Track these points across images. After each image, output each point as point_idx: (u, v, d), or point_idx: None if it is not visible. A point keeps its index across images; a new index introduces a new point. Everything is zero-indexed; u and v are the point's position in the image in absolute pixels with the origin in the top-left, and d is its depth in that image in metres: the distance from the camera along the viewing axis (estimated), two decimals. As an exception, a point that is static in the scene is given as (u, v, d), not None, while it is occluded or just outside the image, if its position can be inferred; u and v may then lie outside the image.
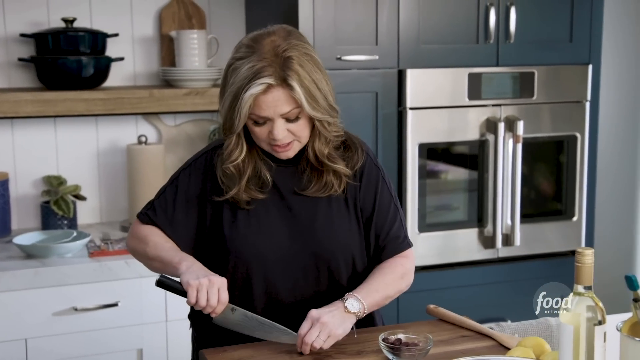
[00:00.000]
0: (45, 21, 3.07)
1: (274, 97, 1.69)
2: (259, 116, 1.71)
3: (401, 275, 1.86)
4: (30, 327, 2.62)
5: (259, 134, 1.76)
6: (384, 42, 2.90)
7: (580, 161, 3.22)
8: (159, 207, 1.88)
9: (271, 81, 1.67)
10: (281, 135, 1.73)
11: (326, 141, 1.80)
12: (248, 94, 1.67)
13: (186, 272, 1.70)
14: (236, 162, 1.79)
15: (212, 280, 1.66)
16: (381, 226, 1.88)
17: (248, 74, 1.68)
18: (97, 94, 2.90)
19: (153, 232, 1.87)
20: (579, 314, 1.39)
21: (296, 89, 1.68)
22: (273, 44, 1.71)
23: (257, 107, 1.70)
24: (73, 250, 2.75)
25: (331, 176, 1.82)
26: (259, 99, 1.69)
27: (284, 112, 1.71)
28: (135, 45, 3.21)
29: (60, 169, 3.16)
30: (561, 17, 3.13)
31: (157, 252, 1.83)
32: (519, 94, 3.08)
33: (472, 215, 3.12)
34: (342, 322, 1.71)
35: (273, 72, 1.67)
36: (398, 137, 2.96)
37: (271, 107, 1.70)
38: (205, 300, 1.66)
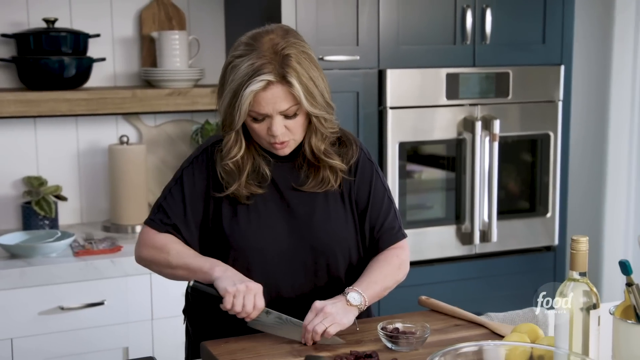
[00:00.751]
0: (25, 22, 3.07)
1: (273, 94, 1.72)
2: (258, 113, 1.75)
3: (398, 266, 1.91)
4: (16, 326, 2.61)
5: (257, 130, 1.79)
6: (365, 43, 2.96)
7: (553, 159, 3.31)
8: (169, 209, 1.88)
9: (271, 78, 1.71)
10: (279, 131, 1.76)
11: (322, 137, 1.84)
12: (248, 91, 1.71)
13: (222, 278, 1.73)
14: (235, 159, 1.81)
15: (250, 287, 1.70)
16: (376, 218, 1.93)
17: (248, 71, 1.71)
18: (80, 94, 2.91)
19: (170, 239, 1.86)
20: (574, 299, 1.46)
21: (295, 85, 1.72)
22: (272, 42, 1.74)
23: (256, 104, 1.73)
24: (57, 250, 2.75)
25: (327, 172, 1.87)
26: (259, 95, 1.72)
27: (282, 109, 1.74)
28: (116, 45, 3.22)
29: (40, 170, 3.15)
30: (534, 19, 3.22)
31: (183, 260, 1.82)
32: (494, 94, 3.16)
33: (450, 213, 3.19)
34: (345, 313, 1.75)
35: (272, 69, 1.71)
36: (379, 136, 3.02)
37: (270, 104, 1.73)
38: (241, 307, 1.69)
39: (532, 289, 3.33)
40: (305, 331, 1.72)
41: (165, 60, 3.10)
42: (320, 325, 1.71)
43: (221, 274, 1.75)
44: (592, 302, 1.45)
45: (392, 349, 1.69)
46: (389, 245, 1.93)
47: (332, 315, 1.72)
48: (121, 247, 2.80)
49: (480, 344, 1.46)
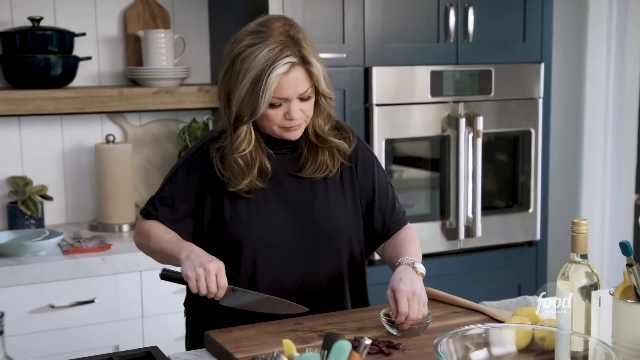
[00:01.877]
0: (8, 20, 3.06)
1: (294, 77, 1.75)
2: (279, 98, 1.77)
3: (419, 245, 1.98)
4: (6, 324, 2.58)
5: (273, 117, 1.80)
6: (351, 41, 2.99)
7: (534, 155, 3.37)
8: (158, 202, 1.91)
9: (294, 59, 1.74)
10: (298, 114, 1.79)
11: (327, 118, 1.88)
12: (274, 75, 1.72)
13: (185, 262, 1.74)
14: (244, 153, 1.82)
15: (208, 269, 1.70)
16: (385, 206, 1.98)
17: (270, 56, 1.73)
18: (67, 93, 2.91)
19: (155, 226, 1.90)
20: (577, 281, 1.50)
21: (315, 64, 1.77)
22: (282, 27, 1.78)
23: (279, 89, 1.75)
24: (46, 248, 2.74)
25: (326, 156, 1.89)
26: (282, 79, 1.74)
27: (302, 91, 1.78)
28: (100, 45, 3.21)
29: (25, 170, 3.14)
30: (515, 18, 3.28)
31: (159, 244, 1.86)
32: (477, 91, 3.21)
33: (435, 209, 3.23)
34: (422, 287, 1.79)
35: (292, 52, 1.74)
36: (365, 133, 3.05)
37: (292, 87, 1.76)
38: (205, 289, 1.71)
39: (515, 283, 3.41)
40: (408, 319, 1.71)
41: (151, 59, 3.10)
42: (419, 312, 1.72)
43: (184, 257, 1.77)
44: (594, 283, 1.49)
45: (395, 334, 1.72)
46: (400, 228, 2.00)
47: (422, 297, 1.74)
48: (111, 245, 2.80)
49: (487, 326, 1.50)
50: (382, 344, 1.64)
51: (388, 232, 1.98)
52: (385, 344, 1.64)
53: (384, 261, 2.00)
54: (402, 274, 1.79)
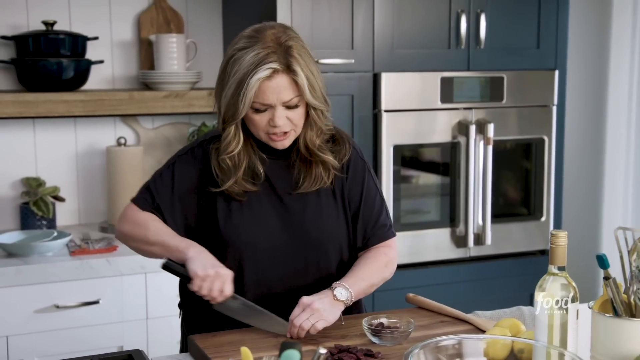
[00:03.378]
0: (24, 24, 3.11)
1: (277, 83, 1.76)
2: (262, 103, 1.78)
3: (385, 263, 1.94)
4: (12, 324, 2.64)
5: (258, 122, 1.81)
6: (360, 47, 2.99)
7: (547, 163, 3.33)
8: (155, 191, 1.91)
9: (276, 66, 1.74)
10: (281, 122, 1.79)
11: (318, 132, 1.88)
12: (255, 79, 1.74)
13: (194, 259, 1.75)
14: (233, 154, 1.84)
15: (219, 273, 1.72)
16: (368, 216, 1.96)
17: (254, 60, 1.75)
18: (78, 96, 2.95)
19: (152, 217, 1.89)
20: (553, 293, 1.48)
21: (300, 74, 1.76)
22: (274, 35, 1.79)
23: (261, 93, 1.76)
24: (54, 249, 2.78)
25: (320, 169, 1.89)
26: (264, 84, 1.75)
27: (286, 99, 1.78)
28: (114, 49, 3.26)
29: (39, 171, 3.19)
30: (529, 24, 3.25)
31: (161, 237, 1.85)
32: (488, 98, 3.19)
33: (445, 216, 3.21)
34: (332, 309, 1.78)
35: (277, 59, 1.75)
36: (373, 139, 3.04)
37: (274, 94, 1.77)
38: (207, 290, 1.72)
39: (526, 292, 3.37)
40: (292, 325, 1.74)
41: (163, 63, 3.13)
42: (307, 322, 1.73)
43: (194, 255, 1.78)
44: (571, 296, 1.47)
45: (376, 343, 1.72)
46: (379, 242, 1.96)
47: (319, 312, 1.75)
48: (117, 247, 2.83)
49: (460, 337, 1.48)
50: (361, 352, 1.64)
51: (368, 243, 1.96)
52: (364, 352, 1.63)
53: None
54: (321, 294, 1.81)
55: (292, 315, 1.75)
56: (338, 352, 1.64)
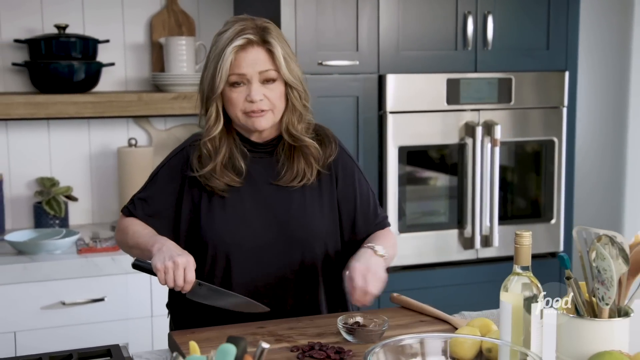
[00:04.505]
0: (39, 28, 3.19)
1: (253, 55, 1.82)
2: (238, 74, 1.82)
3: (394, 244, 2.00)
4: (19, 320, 2.71)
5: (235, 99, 1.84)
6: (364, 48, 3.00)
7: (558, 165, 3.31)
8: (138, 201, 1.98)
9: (252, 37, 1.81)
10: (258, 96, 1.83)
11: (299, 117, 1.91)
12: (230, 48, 1.80)
13: (156, 254, 1.78)
14: (213, 135, 1.87)
15: (177, 262, 1.74)
16: (367, 211, 2.01)
17: (231, 35, 1.83)
18: (87, 97, 3.01)
19: (133, 222, 1.96)
20: (516, 292, 1.48)
21: (275, 45, 1.82)
22: (253, 20, 1.87)
23: (236, 65, 1.81)
24: (62, 247, 2.85)
25: (302, 164, 1.92)
26: (240, 56, 1.81)
27: (261, 69, 1.82)
28: (127, 51, 3.32)
29: (53, 171, 3.27)
30: (538, 25, 3.23)
31: (135, 239, 1.91)
32: (496, 99, 3.18)
33: (452, 217, 3.21)
34: (380, 266, 1.80)
35: (254, 33, 1.83)
36: (379, 140, 3.06)
37: (250, 65, 1.82)
38: (172, 282, 1.75)
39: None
40: (360, 293, 1.74)
41: (172, 65, 3.19)
42: (375, 287, 1.74)
43: (156, 249, 1.80)
44: (533, 295, 1.48)
45: (350, 341, 1.73)
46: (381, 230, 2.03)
47: (377, 274, 1.76)
48: (123, 245, 2.88)
49: (422, 336, 1.49)
50: (332, 349, 1.65)
51: (370, 232, 2.01)
52: (334, 350, 1.65)
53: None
54: (359, 255, 1.82)
55: (358, 283, 1.73)
56: (309, 350, 1.66)
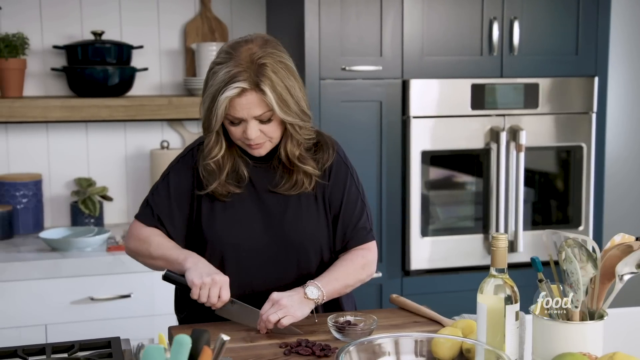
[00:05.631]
0: (78, 34, 3.33)
1: (247, 100, 1.83)
2: (234, 117, 1.87)
3: (362, 265, 1.99)
4: (50, 314, 2.84)
5: (234, 133, 1.91)
6: (388, 54, 3.04)
7: (586, 171, 3.29)
8: (154, 205, 2.02)
9: (245, 85, 1.82)
10: (254, 135, 1.88)
11: (297, 143, 1.94)
12: (223, 97, 1.82)
13: (191, 269, 1.86)
14: (216, 159, 1.93)
15: (215, 280, 1.82)
16: (348, 220, 2.02)
17: (225, 77, 1.83)
18: (120, 101, 3.13)
19: (154, 232, 2.01)
20: (491, 294, 1.51)
21: (268, 93, 1.82)
22: (249, 51, 1.85)
23: (232, 109, 1.85)
24: (93, 245, 2.97)
25: (301, 175, 1.97)
26: (234, 101, 1.84)
27: (256, 114, 1.85)
28: (162, 56, 3.43)
29: (91, 172, 3.40)
30: (567, 30, 3.22)
31: (162, 251, 1.97)
32: (522, 105, 3.17)
33: (478, 222, 3.22)
34: (300, 306, 1.85)
35: (247, 77, 1.82)
36: (402, 145, 3.09)
37: (245, 109, 1.85)
38: (206, 298, 1.83)
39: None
40: (260, 319, 1.83)
41: (204, 70, 3.28)
42: (274, 315, 1.81)
43: (192, 265, 1.87)
44: (509, 298, 1.50)
45: (340, 339, 1.78)
46: (357, 245, 2.02)
47: (286, 308, 1.82)
48: (150, 244, 2.98)
49: (397, 336, 1.53)
50: (318, 347, 1.70)
51: (347, 245, 2.02)
52: (320, 347, 1.70)
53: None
54: (292, 291, 1.88)
55: (262, 310, 1.84)
56: (297, 346, 1.71)
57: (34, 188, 3.24)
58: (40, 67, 3.32)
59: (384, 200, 3.10)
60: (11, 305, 2.80)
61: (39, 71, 3.32)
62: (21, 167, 3.34)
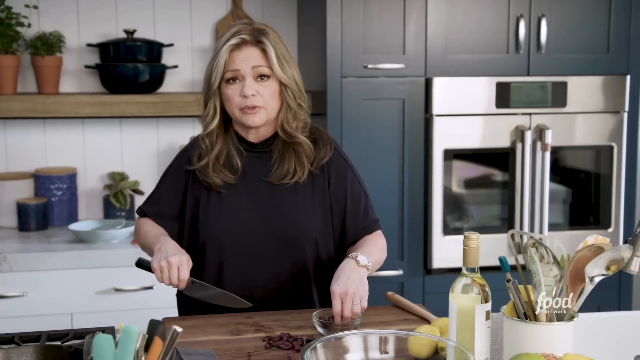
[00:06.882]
0: (114, 32, 3.42)
1: (247, 53, 1.93)
2: (232, 70, 1.93)
3: (382, 248, 2.04)
4: (75, 303, 2.93)
5: (231, 95, 1.95)
6: (411, 51, 3.04)
7: (617, 172, 3.22)
8: (151, 201, 2.11)
9: (246, 37, 1.93)
10: (250, 91, 1.92)
11: (294, 115, 1.99)
12: (225, 47, 1.93)
13: (155, 254, 1.91)
14: (210, 130, 1.99)
15: (170, 262, 1.85)
16: (357, 213, 2.05)
17: (227, 36, 1.95)
18: (149, 98, 3.21)
19: (145, 222, 2.09)
20: (462, 294, 1.51)
21: (268, 44, 1.92)
22: (252, 23, 1.99)
23: (231, 62, 1.93)
24: (119, 237, 3.05)
25: (293, 161, 2.00)
26: (234, 53, 1.93)
27: (254, 64, 1.92)
28: (194, 54, 3.50)
29: (124, 166, 3.49)
30: (598, 28, 3.16)
31: (145, 239, 2.05)
32: (549, 104, 3.13)
33: (502, 221, 3.18)
34: (361, 280, 1.84)
35: (249, 34, 1.94)
36: (425, 143, 3.08)
37: (243, 61, 1.93)
38: (167, 280, 1.87)
39: (594, 303, 3.26)
40: (343, 318, 1.80)
41: (232, 67, 3.33)
42: (356, 306, 1.80)
43: (157, 249, 1.92)
44: (479, 297, 1.50)
45: (324, 334, 1.80)
46: (370, 233, 2.06)
47: (356, 294, 1.81)
48: (174, 237, 3.05)
49: (366, 332, 1.54)
50: (299, 341, 1.73)
51: (359, 234, 2.05)
52: (301, 342, 1.73)
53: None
54: (341, 270, 1.86)
55: (336, 309, 1.80)
56: (278, 340, 1.74)
57: (68, 181, 3.35)
58: (77, 64, 3.42)
59: (406, 199, 3.10)
60: (41, 294, 2.91)
61: (75, 69, 3.42)
62: (58, 161, 3.45)
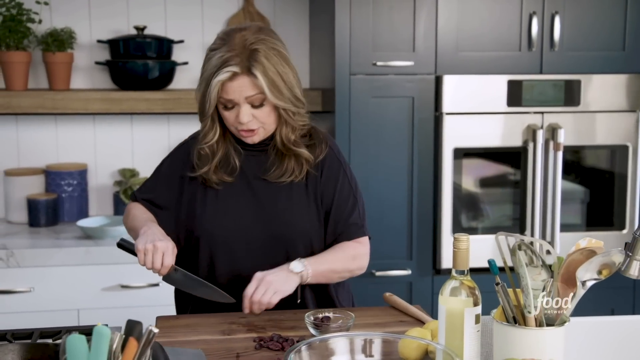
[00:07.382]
0: (125, 29, 3.42)
1: (239, 83, 1.88)
2: (227, 100, 1.90)
3: (352, 256, 2.00)
4: (82, 299, 2.93)
5: (227, 117, 1.94)
6: (421, 49, 3.00)
7: (632, 172, 3.16)
8: (144, 188, 2.12)
9: (236, 69, 1.86)
10: (246, 118, 1.91)
11: (292, 129, 1.97)
12: (215, 81, 1.88)
13: (141, 236, 1.90)
14: (210, 143, 1.98)
15: (157, 246, 1.84)
16: (340, 215, 2.02)
17: (217, 62, 1.89)
18: (157, 94, 3.20)
19: (135, 206, 2.10)
20: (451, 296, 1.48)
21: (259, 77, 1.86)
22: (243, 37, 1.90)
23: (224, 92, 1.89)
24: (126, 234, 3.04)
25: (292, 162, 1.98)
26: (226, 85, 1.88)
27: (248, 95, 1.89)
28: (205, 51, 3.47)
29: (135, 163, 3.49)
30: (613, 25, 3.10)
31: (133, 222, 2.05)
32: (563, 102, 3.07)
33: (514, 221, 3.14)
34: (286, 280, 1.86)
35: (239, 62, 1.87)
36: (434, 142, 3.04)
37: (237, 92, 1.89)
38: (150, 263, 1.86)
39: (607, 305, 3.21)
40: (248, 301, 1.82)
41: (242, 64, 3.32)
42: (265, 296, 1.81)
43: (142, 232, 1.91)
44: (469, 300, 1.47)
45: (316, 335, 1.77)
46: (349, 239, 2.01)
47: (272, 284, 1.82)
48: (181, 235, 3.05)
49: (353, 335, 1.51)
50: (290, 342, 1.71)
51: (336, 240, 2.02)
52: (291, 343, 1.70)
53: None
54: (276, 268, 1.89)
55: (248, 290, 1.83)
56: (269, 340, 1.72)
57: (79, 177, 3.36)
58: (88, 61, 3.42)
59: (415, 198, 3.06)
60: (48, 289, 2.91)
61: (87, 65, 3.42)
62: (69, 157, 3.46)
